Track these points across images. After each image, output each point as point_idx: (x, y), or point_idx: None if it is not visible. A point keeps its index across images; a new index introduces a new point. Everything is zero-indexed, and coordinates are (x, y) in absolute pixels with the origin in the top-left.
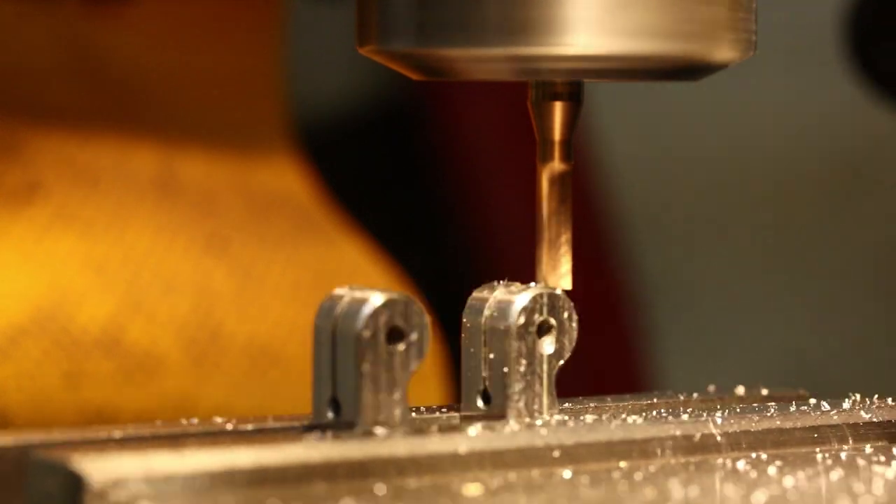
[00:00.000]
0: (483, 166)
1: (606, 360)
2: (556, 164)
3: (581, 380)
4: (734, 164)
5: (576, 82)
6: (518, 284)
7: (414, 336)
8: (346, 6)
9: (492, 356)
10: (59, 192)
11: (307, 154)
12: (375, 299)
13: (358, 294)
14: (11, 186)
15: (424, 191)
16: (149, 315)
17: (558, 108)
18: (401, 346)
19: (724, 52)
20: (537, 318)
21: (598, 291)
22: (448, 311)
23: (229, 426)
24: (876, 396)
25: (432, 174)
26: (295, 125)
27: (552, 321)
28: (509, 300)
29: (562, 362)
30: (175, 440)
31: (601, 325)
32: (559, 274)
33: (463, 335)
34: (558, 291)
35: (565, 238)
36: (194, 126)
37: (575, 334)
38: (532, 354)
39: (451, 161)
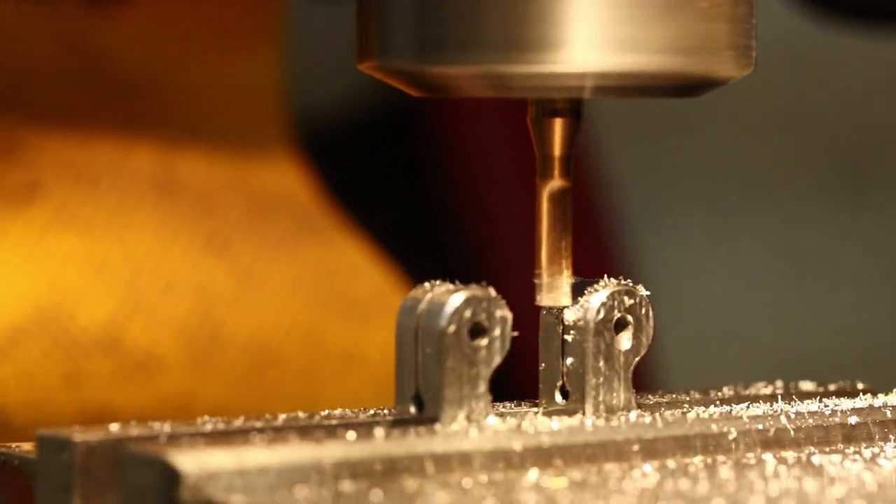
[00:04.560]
0: (483, 167)
1: None
2: (556, 181)
3: None
4: (733, 164)
5: (575, 99)
6: (601, 281)
7: (496, 332)
8: (346, 6)
9: (569, 355)
10: (59, 192)
11: (307, 154)
12: (457, 296)
13: (439, 291)
14: (11, 186)
15: (425, 191)
16: (149, 315)
17: (558, 125)
18: (483, 342)
19: (723, 69)
20: (615, 315)
21: None
22: None
23: (316, 420)
24: None
25: (433, 174)
26: (295, 125)
27: (629, 318)
28: (586, 297)
29: (638, 359)
30: (265, 434)
31: None
32: (558, 291)
33: (541, 331)
34: (636, 287)
35: (565, 254)
36: (194, 126)
37: (651, 331)
38: (610, 350)
39: (452, 161)
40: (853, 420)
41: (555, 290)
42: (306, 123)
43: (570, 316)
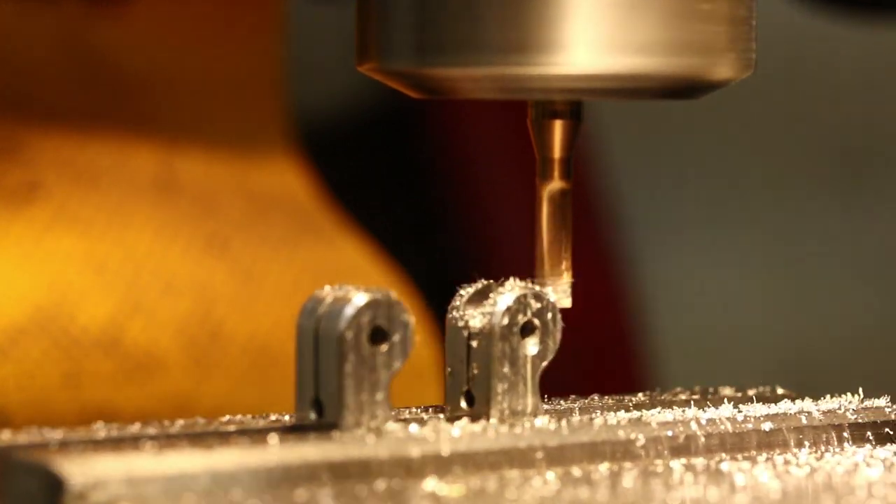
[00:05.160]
0: (483, 166)
1: (606, 360)
2: (556, 183)
3: (581, 379)
4: (733, 164)
5: (575, 101)
6: (510, 283)
7: (397, 337)
8: (346, 6)
9: (475, 359)
10: (59, 192)
11: (307, 154)
12: (358, 299)
13: (341, 294)
14: (11, 186)
15: (424, 191)
16: (149, 315)
17: (558, 127)
18: (384, 347)
19: (723, 71)
20: (521, 319)
21: (599, 291)
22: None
23: (212, 427)
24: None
25: (432, 174)
26: (295, 125)
27: (536, 322)
28: (492, 301)
29: (545, 364)
30: (157, 441)
31: (601, 325)
32: (559, 293)
33: (446, 336)
34: (542, 291)
35: (565, 256)
36: (194, 126)
37: (559, 335)
38: (516, 355)
39: (452, 161)
40: (767, 426)
41: (555, 291)
42: (306, 123)
43: (476, 323)
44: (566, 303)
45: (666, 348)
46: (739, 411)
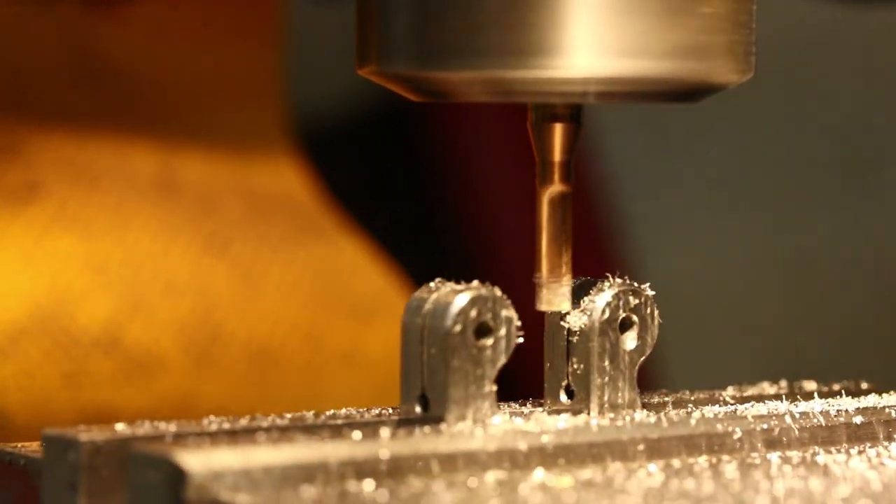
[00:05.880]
0: (483, 166)
1: None
2: (556, 186)
3: None
4: (733, 164)
5: (575, 104)
6: (609, 280)
7: (502, 331)
8: (346, 7)
9: (574, 355)
10: (59, 192)
11: (307, 154)
12: (463, 296)
13: (444, 291)
14: (11, 186)
15: (424, 191)
16: (149, 315)
17: (558, 130)
18: (489, 342)
19: (723, 75)
20: (620, 315)
21: None
22: None
23: (321, 420)
24: None
25: (432, 174)
26: (295, 125)
27: (634, 317)
28: (591, 297)
29: (643, 358)
30: (270, 433)
31: None
32: (559, 295)
33: (546, 331)
34: (641, 287)
35: (565, 259)
36: (194, 126)
37: (657, 331)
38: (615, 350)
39: (452, 161)
40: (858, 420)
41: (555, 294)
42: (306, 123)
43: (574, 320)
44: (566, 305)
45: (666, 348)
46: (830, 405)
